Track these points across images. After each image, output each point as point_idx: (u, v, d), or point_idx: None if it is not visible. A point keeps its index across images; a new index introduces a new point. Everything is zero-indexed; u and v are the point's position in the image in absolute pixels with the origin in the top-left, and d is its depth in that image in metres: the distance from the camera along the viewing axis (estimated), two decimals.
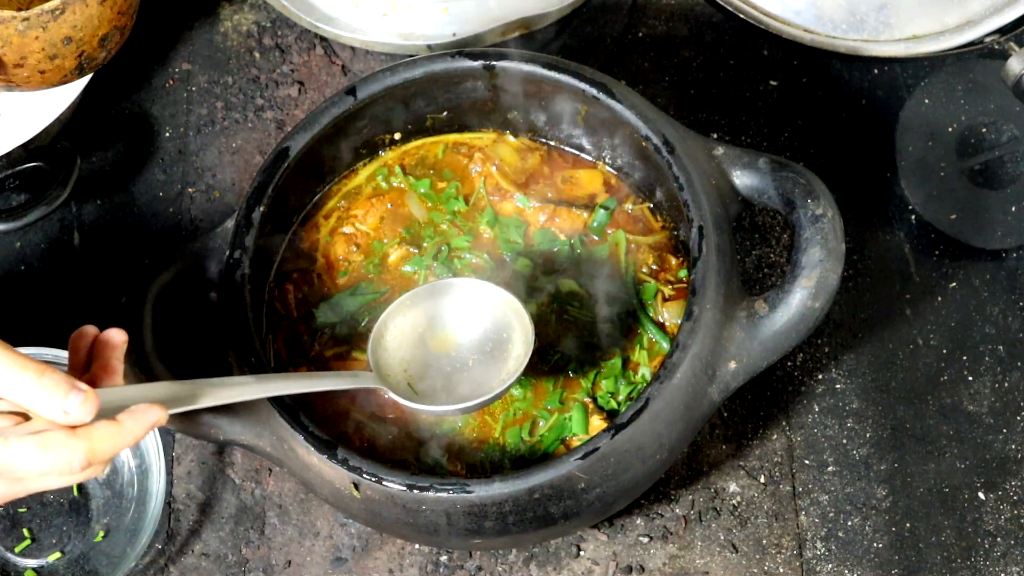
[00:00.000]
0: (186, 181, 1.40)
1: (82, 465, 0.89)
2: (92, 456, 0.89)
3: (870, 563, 1.24)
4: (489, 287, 1.11)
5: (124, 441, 0.91)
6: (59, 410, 0.89)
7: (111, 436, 0.90)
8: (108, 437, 0.90)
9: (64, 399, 0.89)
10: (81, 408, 0.89)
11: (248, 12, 1.48)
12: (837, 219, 1.11)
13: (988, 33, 1.26)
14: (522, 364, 1.08)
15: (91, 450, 0.89)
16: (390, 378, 1.09)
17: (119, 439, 0.90)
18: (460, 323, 1.12)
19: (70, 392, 0.89)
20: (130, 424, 0.91)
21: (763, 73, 1.44)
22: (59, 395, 0.89)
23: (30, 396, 0.89)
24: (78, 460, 0.89)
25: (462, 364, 1.12)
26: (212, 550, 1.26)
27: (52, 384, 0.89)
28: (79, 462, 0.89)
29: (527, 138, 1.27)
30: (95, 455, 0.89)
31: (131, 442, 0.91)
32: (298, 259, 1.23)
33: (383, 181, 1.25)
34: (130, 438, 0.91)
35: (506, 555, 1.24)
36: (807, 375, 1.31)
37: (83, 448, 0.89)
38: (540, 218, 1.23)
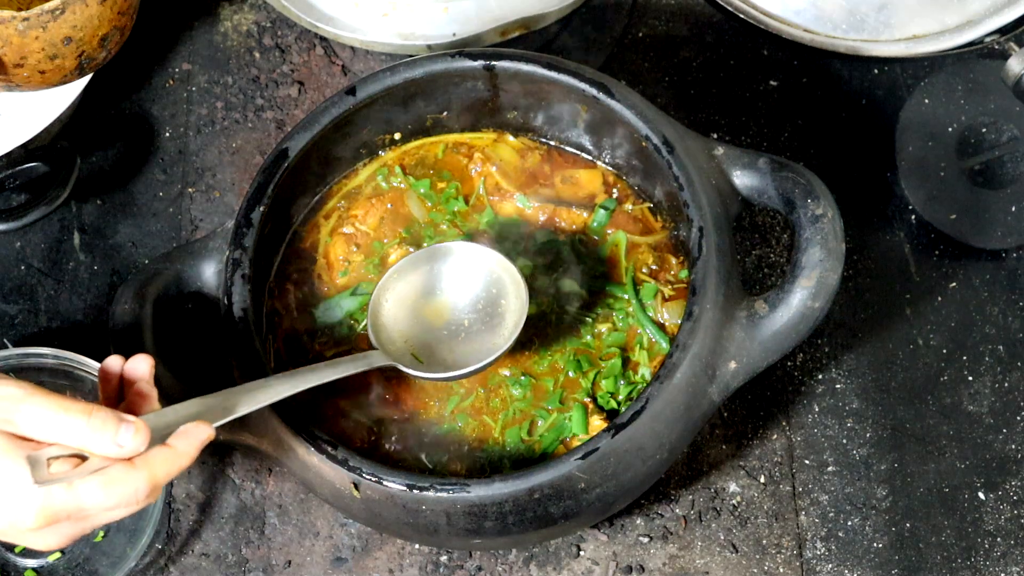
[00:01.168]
0: (186, 181, 1.40)
1: (146, 494, 0.92)
2: (154, 483, 0.92)
3: (870, 563, 1.24)
4: (474, 247, 1.14)
5: (180, 463, 0.94)
6: (113, 445, 0.91)
7: (168, 461, 0.93)
8: (165, 462, 0.93)
9: (116, 434, 0.91)
10: (134, 439, 0.91)
11: (248, 12, 1.48)
12: (837, 219, 1.11)
13: (988, 33, 1.26)
14: (520, 320, 1.10)
15: (152, 477, 0.92)
16: (394, 352, 1.12)
17: (175, 462, 0.93)
18: (452, 288, 1.15)
19: (120, 426, 0.91)
20: (183, 446, 0.94)
21: (763, 73, 1.44)
22: (110, 431, 0.91)
23: (83, 437, 0.91)
24: (143, 490, 0.92)
25: (461, 328, 1.14)
26: (212, 550, 1.26)
27: (101, 422, 0.91)
28: (143, 491, 0.92)
29: (527, 138, 1.27)
30: (156, 481, 0.92)
31: (187, 463, 0.94)
32: (298, 259, 1.23)
33: (383, 181, 1.26)
34: (186, 459, 0.94)
35: (506, 555, 1.24)
36: (807, 375, 1.31)
37: (144, 478, 0.92)
38: (540, 218, 1.23)
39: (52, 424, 0.91)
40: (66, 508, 0.91)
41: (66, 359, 1.26)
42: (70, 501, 0.90)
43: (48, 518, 0.90)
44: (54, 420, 0.91)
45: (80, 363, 1.26)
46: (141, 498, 0.92)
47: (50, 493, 0.90)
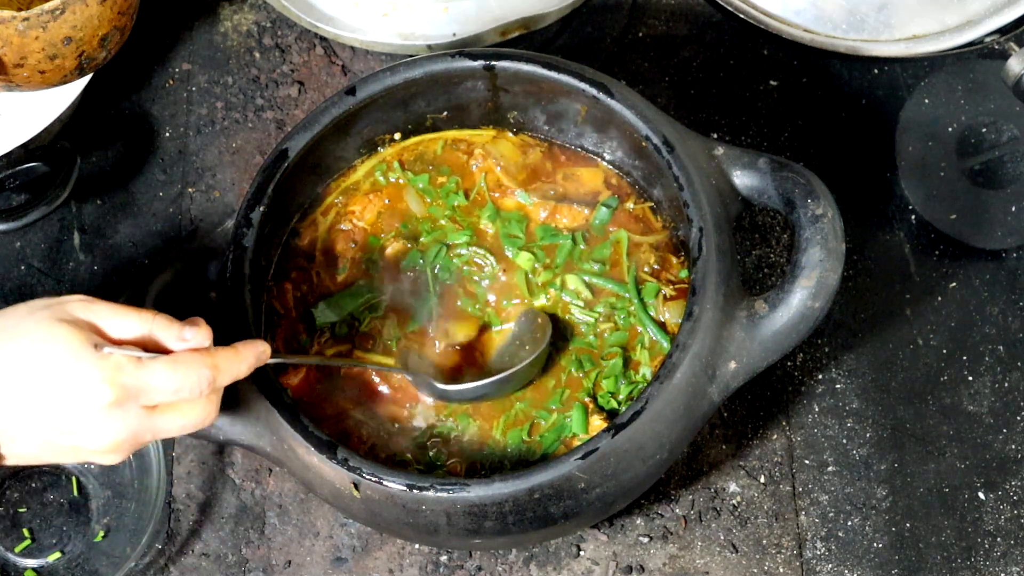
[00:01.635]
0: (186, 181, 1.40)
1: (210, 380, 0.97)
2: (217, 375, 0.98)
3: (870, 563, 1.24)
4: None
5: (240, 367, 1.00)
6: (177, 338, 0.98)
7: (230, 358, 0.99)
8: (228, 359, 0.99)
9: (180, 330, 0.99)
10: (198, 334, 0.99)
11: (248, 12, 1.48)
12: (837, 219, 1.11)
13: (988, 33, 1.26)
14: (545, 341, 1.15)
15: (215, 367, 0.98)
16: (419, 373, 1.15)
17: (236, 362, 1.00)
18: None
19: (184, 325, 0.99)
20: (244, 351, 1.01)
21: (763, 73, 1.44)
22: (175, 327, 0.99)
23: (149, 330, 0.98)
24: (206, 375, 0.97)
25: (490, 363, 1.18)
26: (212, 550, 1.26)
27: (165, 321, 0.99)
28: (207, 377, 0.97)
29: (527, 135, 1.26)
30: (219, 374, 0.98)
31: (245, 370, 1.01)
32: (297, 257, 1.23)
33: (381, 177, 1.25)
34: (244, 365, 1.00)
35: (506, 555, 1.24)
36: (807, 375, 1.31)
37: (209, 362, 0.98)
38: (541, 214, 1.23)
39: (118, 320, 0.97)
40: (138, 381, 0.94)
41: None
42: (141, 374, 0.95)
43: (120, 388, 0.94)
44: (120, 316, 0.97)
45: None
46: (205, 384, 0.97)
47: (119, 363, 0.94)
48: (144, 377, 0.95)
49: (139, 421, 0.96)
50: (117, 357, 0.94)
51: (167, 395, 0.96)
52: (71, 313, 0.96)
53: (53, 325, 0.94)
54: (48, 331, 0.94)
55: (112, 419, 0.94)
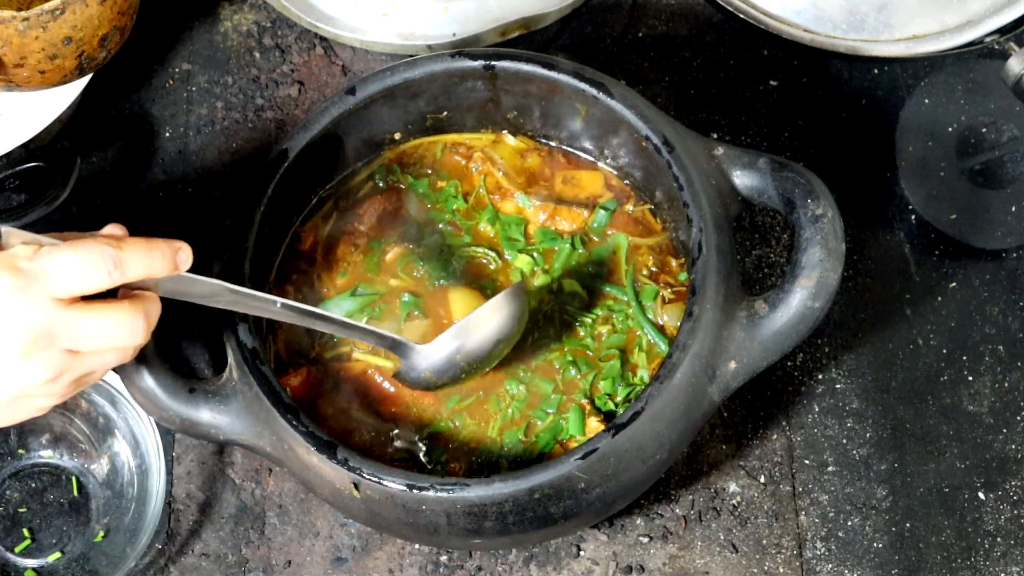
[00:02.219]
0: (186, 181, 1.40)
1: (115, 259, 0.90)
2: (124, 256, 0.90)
3: (870, 563, 1.24)
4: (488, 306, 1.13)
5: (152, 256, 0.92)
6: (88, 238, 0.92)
7: (140, 245, 0.92)
8: (138, 245, 0.92)
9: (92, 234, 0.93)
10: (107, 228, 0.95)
11: (248, 12, 1.48)
12: (837, 219, 1.11)
13: (988, 33, 1.26)
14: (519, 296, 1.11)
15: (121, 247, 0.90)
16: None
17: (147, 251, 0.92)
18: None
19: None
20: (159, 242, 0.93)
21: (763, 73, 1.44)
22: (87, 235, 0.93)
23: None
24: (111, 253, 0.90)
25: None
26: (212, 550, 1.26)
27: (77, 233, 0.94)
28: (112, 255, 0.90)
29: (527, 138, 1.27)
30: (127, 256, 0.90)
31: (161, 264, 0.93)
32: (297, 260, 1.23)
33: (381, 180, 1.26)
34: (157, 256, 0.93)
35: (506, 555, 1.24)
36: (807, 375, 1.31)
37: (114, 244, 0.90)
38: (540, 217, 1.23)
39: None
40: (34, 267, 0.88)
41: None
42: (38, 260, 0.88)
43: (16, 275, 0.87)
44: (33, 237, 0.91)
45: None
46: (111, 265, 0.90)
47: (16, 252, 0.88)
48: (43, 258, 0.88)
49: (49, 314, 0.89)
50: (15, 248, 0.88)
51: (73, 277, 0.89)
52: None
53: None
54: None
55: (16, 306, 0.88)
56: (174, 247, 0.95)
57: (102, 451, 1.27)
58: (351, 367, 1.18)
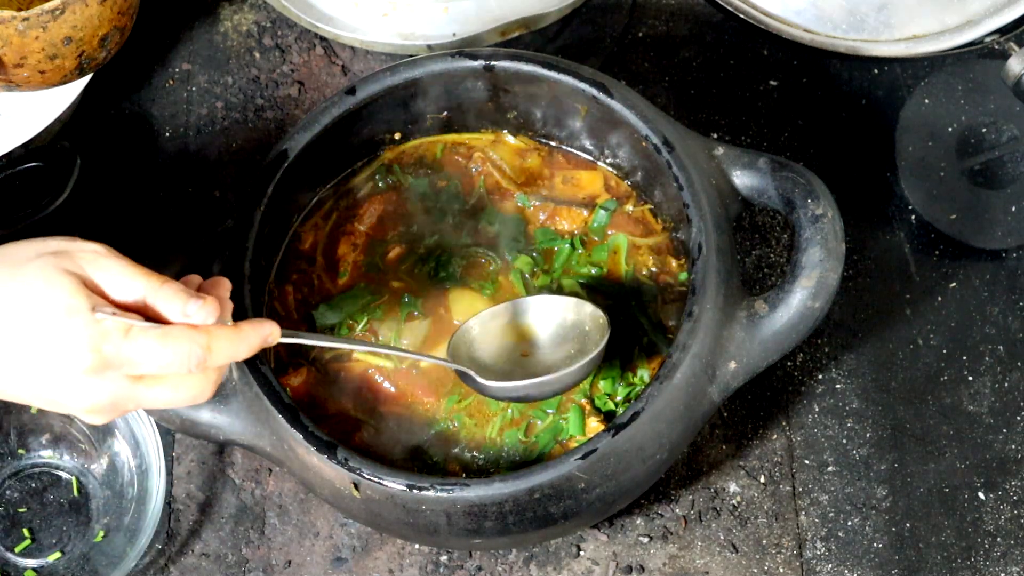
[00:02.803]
0: (186, 181, 1.40)
1: (200, 359, 0.92)
2: (210, 353, 0.92)
3: (870, 563, 1.24)
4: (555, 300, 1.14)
5: (240, 348, 0.94)
6: (180, 313, 0.92)
7: (229, 337, 0.93)
8: (226, 337, 0.93)
9: (185, 304, 0.92)
10: (201, 311, 0.92)
11: (248, 12, 1.48)
12: (837, 219, 1.11)
13: (988, 33, 1.26)
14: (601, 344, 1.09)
15: (209, 347, 0.92)
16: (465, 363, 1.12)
17: (236, 343, 0.94)
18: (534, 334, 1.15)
19: (190, 299, 0.93)
20: (248, 330, 0.95)
21: (763, 73, 1.44)
22: (180, 299, 0.92)
23: (153, 298, 0.92)
24: (197, 354, 0.91)
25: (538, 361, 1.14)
26: (212, 550, 1.26)
27: (173, 291, 0.93)
28: (197, 355, 0.91)
29: (527, 138, 1.27)
30: (213, 353, 0.92)
31: (246, 352, 0.94)
32: (298, 260, 1.23)
33: (381, 181, 1.26)
34: (245, 347, 0.94)
35: (506, 555, 1.24)
36: (807, 375, 1.31)
37: (203, 341, 0.92)
38: (540, 216, 1.23)
39: (124, 281, 0.92)
40: (120, 352, 0.90)
41: None
42: (126, 345, 0.90)
43: (101, 357, 0.90)
44: (127, 278, 0.92)
45: None
46: (194, 363, 0.92)
47: (107, 330, 0.90)
48: (129, 349, 0.90)
49: (120, 389, 0.92)
50: (107, 324, 0.90)
51: (152, 369, 0.92)
52: (78, 265, 0.92)
53: (56, 276, 0.91)
54: (48, 282, 0.90)
55: (90, 385, 0.91)
56: (263, 334, 0.96)
57: (102, 451, 1.27)
58: (351, 367, 1.18)
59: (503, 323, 1.15)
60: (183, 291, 0.93)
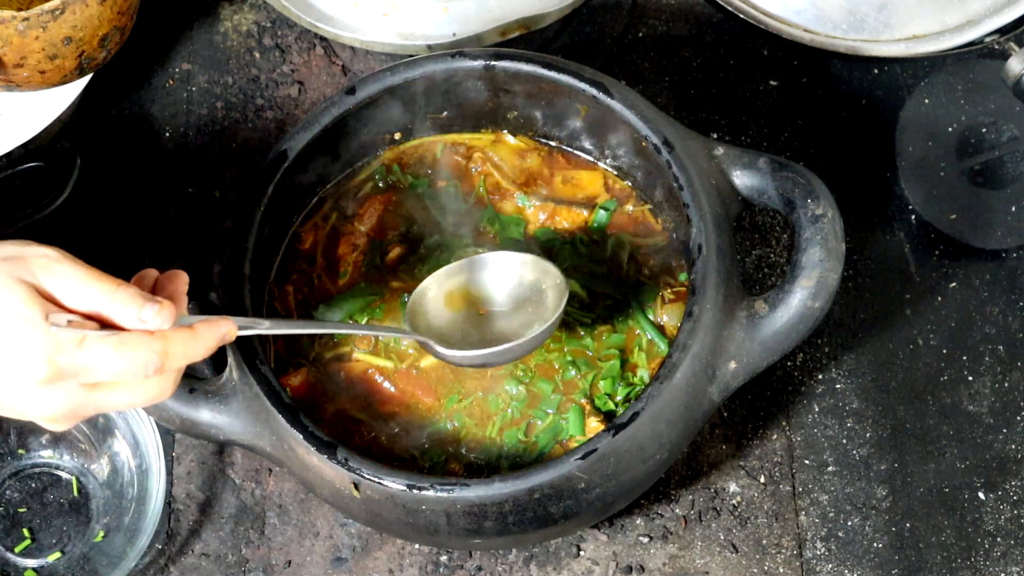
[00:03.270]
0: (186, 181, 1.40)
1: (156, 366, 0.91)
2: (166, 358, 0.92)
3: (870, 563, 1.24)
4: (517, 256, 1.13)
5: (197, 349, 0.93)
6: (135, 319, 0.91)
7: (185, 340, 0.93)
8: (182, 341, 0.93)
9: (140, 309, 0.91)
10: (158, 316, 0.92)
11: (248, 12, 1.48)
12: (837, 219, 1.11)
13: (988, 33, 1.26)
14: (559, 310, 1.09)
15: (166, 352, 0.91)
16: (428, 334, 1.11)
17: (193, 345, 0.93)
18: (497, 297, 1.14)
19: (145, 303, 0.92)
20: (204, 331, 0.94)
21: (763, 73, 1.44)
22: (135, 304, 0.91)
23: (107, 305, 0.91)
24: (153, 360, 0.91)
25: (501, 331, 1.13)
26: (212, 550, 1.26)
27: (128, 296, 0.92)
28: (154, 362, 0.91)
29: (527, 138, 1.27)
30: (169, 357, 0.92)
31: (203, 352, 0.94)
32: (298, 260, 1.23)
33: (381, 181, 1.26)
34: (202, 348, 0.94)
35: (506, 555, 1.24)
36: (807, 375, 1.31)
37: (158, 347, 0.91)
38: (540, 217, 1.23)
39: (80, 286, 0.91)
40: (75, 361, 0.90)
41: None
42: (80, 354, 0.90)
43: (56, 368, 0.89)
44: (81, 284, 0.91)
45: None
46: (151, 370, 0.91)
47: (61, 341, 0.89)
48: (84, 358, 0.90)
49: (77, 397, 0.92)
50: (61, 335, 0.89)
51: (108, 377, 0.91)
52: (31, 272, 0.91)
53: (8, 284, 0.90)
54: (1, 291, 0.90)
55: (46, 395, 0.91)
56: (219, 333, 0.95)
57: (102, 451, 1.27)
58: (351, 367, 1.18)
59: (461, 281, 1.14)
60: (138, 295, 0.92)
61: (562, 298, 1.10)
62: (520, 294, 1.14)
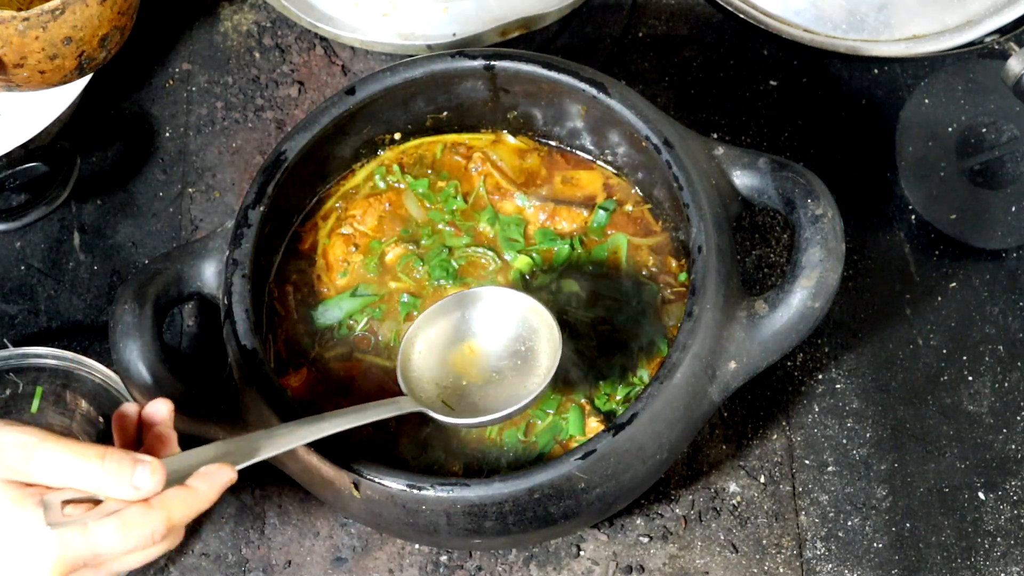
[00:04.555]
0: (186, 181, 1.40)
1: (162, 534, 0.90)
2: (171, 524, 0.90)
3: (870, 563, 1.24)
4: (513, 294, 1.11)
5: (199, 505, 0.91)
6: (129, 488, 0.89)
7: (185, 501, 0.91)
8: (183, 503, 0.91)
9: (131, 476, 0.89)
10: (151, 480, 0.89)
11: (248, 12, 1.48)
12: (837, 219, 1.11)
13: (988, 33, 1.26)
14: (554, 364, 1.07)
15: (169, 518, 0.90)
16: (424, 397, 1.09)
17: (194, 503, 0.91)
18: (483, 334, 1.12)
19: (135, 466, 0.89)
20: (202, 486, 0.92)
21: (763, 73, 1.44)
22: (126, 473, 0.89)
23: (98, 480, 0.89)
24: (159, 531, 0.89)
25: (493, 374, 1.11)
26: (212, 550, 1.26)
27: (117, 464, 0.89)
28: (160, 532, 0.90)
29: (527, 138, 1.27)
30: (173, 522, 0.90)
31: (206, 505, 0.92)
32: (297, 260, 1.23)
33: (381, 181, 1.26)
34: (205, 501, 0.92)
35: (506, 555, 1.24)
36: (807, 375, 1.31)
37: (161, 518, 0.89)
38: (540, 217, 1.23)
39: (65, 469, 0.88)
40: (82, 553, 0.88)
41: (66, 359, 1.26)
42: (86, 545, 0.88)
43: (65, 567, 0.88)
44: (67, 465, 0.88)
45: (80, 363, 1.26)
46: (158, 539, 0.90)
47: (65, 538, 0.88)
48: (91, 545, 0.88)
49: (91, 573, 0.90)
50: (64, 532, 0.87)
51: (117, 557, 0.90)
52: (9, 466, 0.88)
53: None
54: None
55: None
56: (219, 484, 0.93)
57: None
58: (351, 366, 1.18)
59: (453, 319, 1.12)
60: (125, 460, 0.89)
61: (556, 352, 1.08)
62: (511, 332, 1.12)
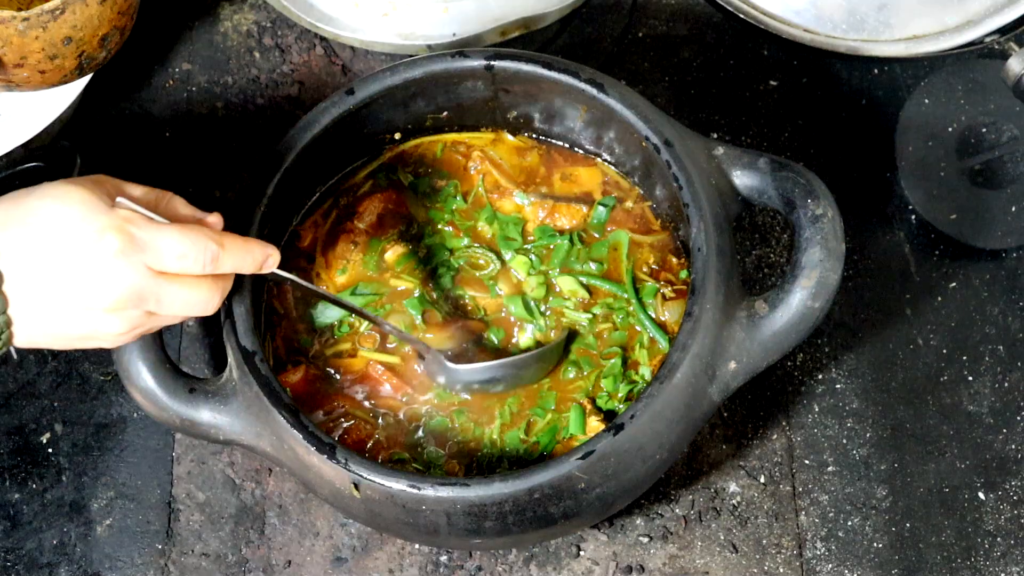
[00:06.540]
0: (186, 181, 1.40)
1: (214, 255, 0.98)
2: (222, 254, 0.99)
3: (870, 563, 1.24)
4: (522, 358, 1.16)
5: (246, 260, 1.02)
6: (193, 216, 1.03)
7: (239, 245, 1.01)
8: (236, 244, 1.01)
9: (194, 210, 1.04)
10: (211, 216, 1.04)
11: (248, 12, 1.48)
12: (837, 219, 1.11)
13: (988, 33, 1.26)
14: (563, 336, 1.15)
15: (222, 245, 0.99)
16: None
17: (243, 253, 1.01)
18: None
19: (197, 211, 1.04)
20: (254, 244, 1.03)
21: (763, 73, 1.44)
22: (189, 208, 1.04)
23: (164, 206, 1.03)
24: (212, 249, 0.98)
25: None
26: (212, 550, 1.26)
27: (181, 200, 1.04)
28: (212, 252, 0.98)
29: (526, 137, 1.27)
30: (224, 254, 0.99)
31: (250, 266, 1.02)
32: (297, 257, 1.23)
33: (381, 180, 1.26)
34: (250, 260, 1.02)
35: (506, 555, 1.24)
36: (807, 375, 1.31)
37: (217, 239, 0.99)
38: (539, 214, 1.23)
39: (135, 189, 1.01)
40: (144, 234, 0.96)
41: None
42: (147, 229, 0.96)
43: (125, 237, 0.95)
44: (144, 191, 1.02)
45: None
46: (208, 260, 0.98)
47: (130, 216, 0.96)
48: (152, 232, 0.96)
49: (144, 281, 0.96)
50: (128, 211, 0.97)
51: (172, 259, 0.97)
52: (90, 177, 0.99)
53: (69, 187, 0.97)
54: (64, 192, 0.96)
55: (118, 269, 0.95)
56: (266, 252, 1.04)
57: None
58: (352, 364, 1.18)
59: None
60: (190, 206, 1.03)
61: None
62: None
